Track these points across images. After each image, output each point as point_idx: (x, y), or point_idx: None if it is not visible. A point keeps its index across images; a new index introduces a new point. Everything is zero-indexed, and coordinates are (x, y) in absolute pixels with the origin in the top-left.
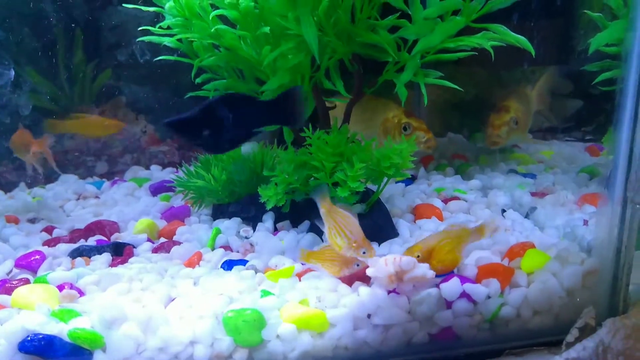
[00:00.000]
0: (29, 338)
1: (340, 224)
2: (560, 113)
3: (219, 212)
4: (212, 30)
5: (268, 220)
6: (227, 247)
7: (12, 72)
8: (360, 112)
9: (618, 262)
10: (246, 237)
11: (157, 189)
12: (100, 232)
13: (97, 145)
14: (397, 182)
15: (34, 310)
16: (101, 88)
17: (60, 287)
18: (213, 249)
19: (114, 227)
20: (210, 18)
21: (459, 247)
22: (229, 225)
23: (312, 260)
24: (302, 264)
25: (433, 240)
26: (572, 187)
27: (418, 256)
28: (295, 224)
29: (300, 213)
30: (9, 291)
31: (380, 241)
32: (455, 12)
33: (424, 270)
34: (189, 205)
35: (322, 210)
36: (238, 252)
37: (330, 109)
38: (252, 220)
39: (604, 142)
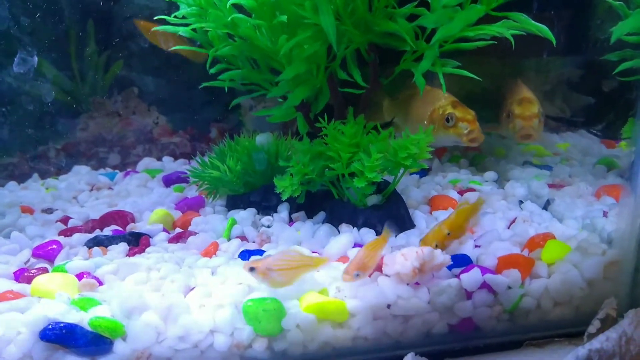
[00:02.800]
0: (50, 326)
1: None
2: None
3: (234, 203)
4: (228, 19)
5: (283, 211)
6: (243, 238)
7: (35, 59)
8: (410, 105)
9: None
10: (268, 226)
11: (170, 180)
12: (115, 222)
13: (109, 136)
14: (411, 174)
15: (54, 298)
16: (113, 79)
17: (79, 276)
18: (229, 240)
19: (129, 218)
20: (227, 7)
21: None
22: (245, 216)
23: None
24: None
25: (439, 227)
26: (589, 178)
27: (436, 245)
28: (310, 214)
29: (315, 204)
30: (28, 280)
31: (397, 232)
32: (475, 0)
33: (443, 257)
34: (204, 196)
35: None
36: (254, 242)
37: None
38: (268, 210)
39: (624, 133)
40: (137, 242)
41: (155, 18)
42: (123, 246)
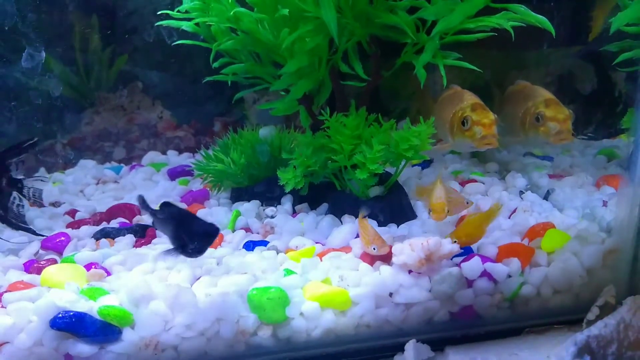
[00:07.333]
0: (60, 315)
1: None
2: None
3: (238, 195)
4: (231, 13)
5: (287, 203)
6: (247, 229)
7: (43, 55)
8: (440, 107)
9: (638, 241)
10: (272, 217)
11: (175, 174)
12: (122, 214)
13: (114, 130)
14: (413, 166)
15: (64, 288)
16: (118, 74)
17: (88, 267)
18: (234, 231)
19: (135, 210)
20: (229, 1)
21: (486, 224)
22: (249, 208)
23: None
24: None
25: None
26: (590, 169)
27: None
28: (313, 206)
29: (318, 195)
30: (37, 271)
31: (399, 223)
32: None
33: (451, 246)
34: (208, 188)
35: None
36: (258, 233)
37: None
38: (272, 202)
39: (624, 123)
40: (144, 234)
41: (159, 12)
42: (130, 238)
